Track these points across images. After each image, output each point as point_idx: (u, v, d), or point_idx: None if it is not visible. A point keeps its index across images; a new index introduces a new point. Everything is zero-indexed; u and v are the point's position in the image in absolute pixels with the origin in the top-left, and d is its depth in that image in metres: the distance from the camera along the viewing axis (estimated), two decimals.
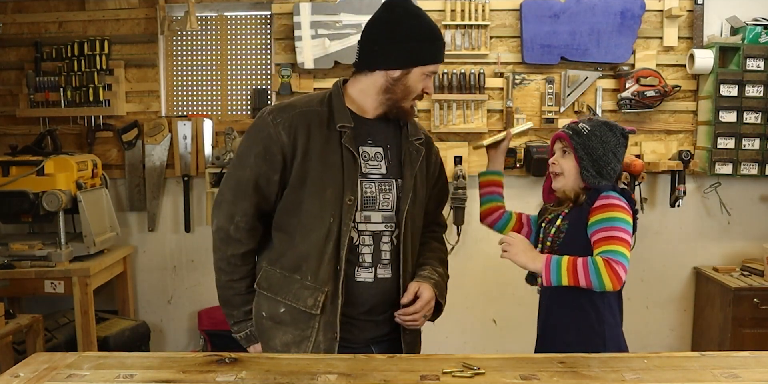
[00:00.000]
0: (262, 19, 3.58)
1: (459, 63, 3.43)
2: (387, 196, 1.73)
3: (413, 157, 1.78)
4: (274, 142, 1.66)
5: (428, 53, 1.68)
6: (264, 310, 1.76)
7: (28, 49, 3.51)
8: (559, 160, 1.84)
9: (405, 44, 1.66)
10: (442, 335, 3.40)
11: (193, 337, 3.69)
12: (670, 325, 3.64)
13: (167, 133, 3.53)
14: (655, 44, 3.42)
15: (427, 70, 1.69)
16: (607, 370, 1.47)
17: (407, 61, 1.67)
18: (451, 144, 3.45)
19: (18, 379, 1.42)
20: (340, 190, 1.66)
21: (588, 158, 1.79)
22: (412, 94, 1.72)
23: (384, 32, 1.68)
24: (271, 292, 1.74)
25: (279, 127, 1.66)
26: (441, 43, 1.71)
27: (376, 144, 1.74)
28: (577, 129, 1.81)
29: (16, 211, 3.02)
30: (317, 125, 1.68)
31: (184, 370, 1.47)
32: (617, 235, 1.67)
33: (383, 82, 1.70)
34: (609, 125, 1.83)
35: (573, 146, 1.79)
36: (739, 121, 3.32)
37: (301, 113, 1.69)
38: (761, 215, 3.56)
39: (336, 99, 1.72)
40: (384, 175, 1.74)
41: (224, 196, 1.74)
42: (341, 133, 1.68)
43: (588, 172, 1.78)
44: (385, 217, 1.73)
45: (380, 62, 1.69)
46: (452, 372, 1.45)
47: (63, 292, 3.02)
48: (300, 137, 1.66)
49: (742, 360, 1.55)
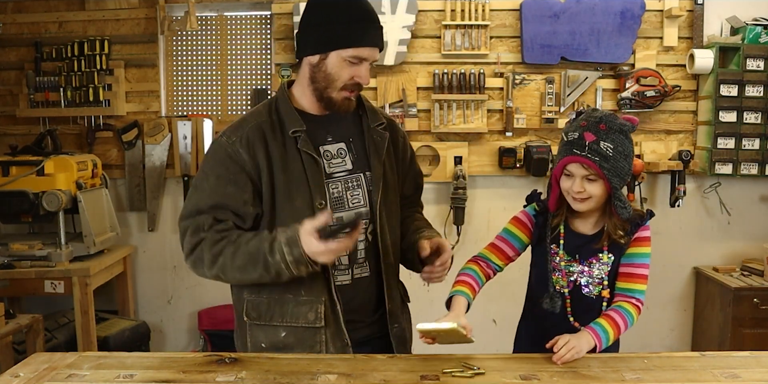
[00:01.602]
0: (262, 19, 3.58)
1: (459, 63, 3.43)
2: (356, 192, 1.66)
3: (378, 145, 1.69)
4: (235, 162, 1.58)
5: (346, 36, 1.54)
6: (262, 341, 1.65)
7: (28, 49, 3.51)
8: (586, 186, 1.64)
9: (319, 27, 1.56)
10: None
11: (193, 337, 3.69)
12: (670, 325, 3.64)
13: (167, 133, 3.53)
14: (655, 44, 3.42)
15: (347, 54, 1.55)
16: (607, 370, 1.47)
17: (322, 44, 1.56)
18: (451, 144, 3.45)
19: (18, 379, 1.42)
20: (308, 197, 1.59)
21: (619, 180, 1.63)
22: (335, 82, 1.58)
23: (306, 17, 1.60)
24: (264, 319, 1.64)
25: (236, 146, 1.58)
26: (367, 26, 1.56)
27: (336, 140, 1.67)
28: (602, 152, 1.60)
29: (16, 211, 3.01)
30: (271, 136, 1.60)
31: (184, 370, 1.47)
32: (644, 274, 1.72)
33: (308, 70, 1.60)
34: (624, 131, 1.63)
35: (604, 175, 1.61)
36: (739, 121, 3.32)
37: (254, 127, 1.60)
38: (761, 215, 3.56)
39: (282, 103, 1.64)
40: (350, 170, 1.66)
41: (185, 223, 1.62)
42: (296, 138, 1.60)
43: (620, 201, 1.65)
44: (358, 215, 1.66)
45: (301, 50, 1.60)
46: (452, 372, 1.45)
47: (63, 292, 3.02)
48: (258, 152, 1.58)
49: (742, 360, 1.55)
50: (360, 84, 1.61)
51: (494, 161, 3.47)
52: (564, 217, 1.76)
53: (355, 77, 1.58)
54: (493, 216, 3.53)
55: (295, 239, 1.48)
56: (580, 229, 1.75)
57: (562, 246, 1.75)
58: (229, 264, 1.55)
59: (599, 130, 1.61)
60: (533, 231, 1.80)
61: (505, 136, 3.45)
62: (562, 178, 1.68)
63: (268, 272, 1.52)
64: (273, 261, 1.50)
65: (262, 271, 1.53)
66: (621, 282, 1.73)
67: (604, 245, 1.71)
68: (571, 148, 1.63)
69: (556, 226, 1.76)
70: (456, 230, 3.46)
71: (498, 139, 3.48)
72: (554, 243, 1.76)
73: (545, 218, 1.78)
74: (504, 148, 3.41)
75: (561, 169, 1.68)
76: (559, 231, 1.75)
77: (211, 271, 1.59)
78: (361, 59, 1.57)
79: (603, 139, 1.60)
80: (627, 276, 1.72)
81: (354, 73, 1.58)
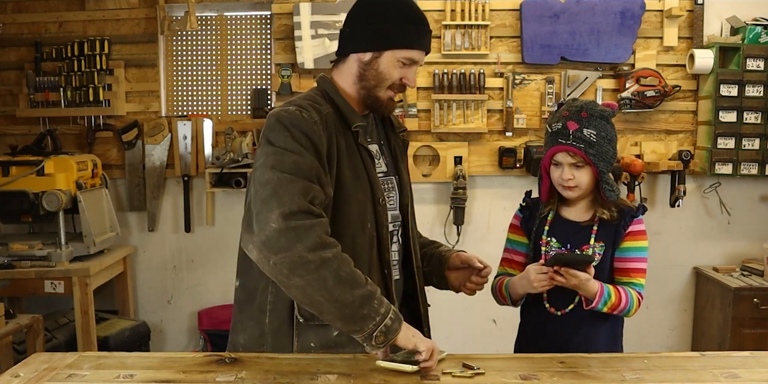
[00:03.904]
0: (262, 19, 3.58)
1: (459, 63, 3.43)
2: (391, 194, 1.66)
3: (402, 151, 1.72)
4: (319, 140, 1.46)
5: (402, 37, 1.54)
6: (312, 341, 1.55)
7: (28, 49, 3.51)
8: (575, 173, 1.69)
9: (376, 25, 1.54)
10: (442, 335, 3.39)
11: (193, 337, 3.69)
12: (670, 325, 3.64)
13: (167, 133, 3.53)
14: (655, 44, 3.42)
15: (401, 55, 1.55)
16: (607, 370, 1.47)
17: (377, 42, 1.54)
18: (451, 144, 3.45)
19: (18, 379, 1.42)
20: (369, 192, 1.57)
21: (605, 164, 1.69)
22: (385, 82, 1.57)
23: (358, 14, 1.58)
24: (318, 319, 1.50)
25: (318, 127, 1.48)
26: (420, 29, 1.57)
27: (373, 141, 1.66)
28: (586, 138, 1.66)
29: (16, 211, 3.01)
30: (338, 127, 1.55)
31: (184, 370, 1.47)
32: (643, 268, 1.74)
33: (356, 67, 1.58)
34: (605, 117, 1.68)
35: (590, 160, 1.66)
36: (739, 121, 3.32)
37: (328, 114, 1.54)
38: (761, 215, 3.56)
39: (336, 97, 1.59)
40: (386, 173, 1.67)
41: (284, 177, 1.39)
42: (355, 133, 1.57)
43: (608, 184, 1.70)
44: (393, 217, 1.65)
45: (352, 45, 1.58)
46: (452, 372, 1.45)
47: (63, 292, 3.02)
48: (332, 140, 1.51)
49: (742, 360, 1.55)
50: (406, 86, 1.61)
51: (494, 161, 3.47)
52: (555, 206, 1.80)
53: (403, 79, 1.58)
54: (493, 216, 3.53)
55: (401, 319, 1.43)
56: (571, 217, 1.79)
57: (548, 233, 1.79)
58: (334, 266, 1.37)
59: (581, 118, 1.67)
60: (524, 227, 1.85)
61: (505, 136, 3.45)
62: (551, 168, 1.74)
63: (361, 307, 1.37)
64: (376, 308, 1.38)
65: (356, 300, 1.37)
66: (619, 276, 1.74)
67: (593, 229, 1.73)
68: (557, 138, 1.69)
69: (545, 215, 1.81)
70: (456, 230, 3.46)
71: (498, 139, 3.48)
72: (544, 232, 1.79)
73: (531, 211, 1.84)
74: (504, 148, 3.41)
75: (549, 160, 1.73)
76: (547, 219, 1.80)
77: (307, 254, 1.35)
78: (413, 61, 1.58)
79: (586, 126, 1.66)
80: (625, 270, 1.74)
81: (403, 74, 1.58)
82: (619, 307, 1.68)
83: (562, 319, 1.75)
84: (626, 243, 1.73)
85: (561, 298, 1.74)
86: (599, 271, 1.70)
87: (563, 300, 1.74)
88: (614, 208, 1.74)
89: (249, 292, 1.61)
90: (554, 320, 1.76)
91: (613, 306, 1.67)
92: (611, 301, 1.66)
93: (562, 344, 1.73)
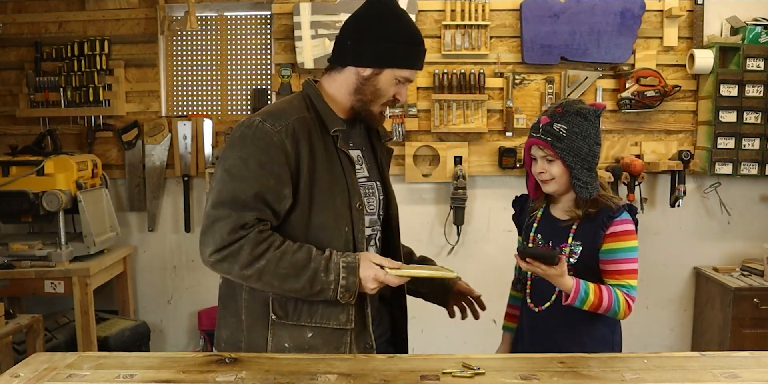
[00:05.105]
0: (262, 19, 3.58)
1: (459, 63, 3.43)
2: (371, 199, 1.69)
3: (386, 159, 1.77)
4: (281, 153, 1.52)
5: (403, 57, 1.60)
6: (286, 342, 1.59)
7: (28, 49, 3.51)
8: (546, 167, 1.73)
9: (380, 43, 1.59)
10: (442, 335, 3.39)
11: (193, 337, 3.69)
12: (670, 325, 3.64)
13: (167, 133, 3.53)
14: (655, 44, 3.42)
15: (400, 74, 1.61)
16: (607, 370, 1.47)
17: (379, 60, 1.59)
18: (451, 144, 3.45)
19: (18, 379, 1.42)
20: (347, 197, 1.60)
21: (576, 160, 1.69)
22: (381, 98, 1.64)
23: (361, 28, 1.61)
24: (292, 319, 1.59)
25: (282, 136, 1.52)
26: (420, 50, 1.63)
27: (355, 147, 1.69)
28: (555, 132, 1.68)
29: (16, 211, 3.01)
30: (315, 132, 1.58)
31: (184, 370, 1.47)
32: (631, 268, 1.71)
33: (354, 80, 1.62)
34: (582, 114, 1.69)
35: (557, 154, 1.69)
36: (739, 121, 3.32)
37: (299, 120, 1.57)
38: (761, 215, 3.56)
39: (318, 102, 1.63)
40: (367, 178, 1.70)
41: (219, 214, 1.51)
42: (334, 137, 1.61)
43: (579, 180, 1.69)
44: (371, 221, 1.68)
45: (352, 58, 1.61)
46: (452, 372, 1.45)
47: (63, 292, 3.02)
48: (303, 146, 1.54)
49: (742, 360, 1.55)
50: (397, 101, 1.68)
51: (494, 161, 3.47)
52: (545, 203, 1.83)
53: (396, 95, 1.65)
54: (493, 216, 3.53)
55: (355, 268, 1.53)
56: (557, 214, 1.80)
57: (536, 230, 1.81)
58: (271, 269, 1.51)
59: (555, 113, 1.71)
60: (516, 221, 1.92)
61: (505, 136, 3.45)
62: (532, 163, 1.78)
63: (312, 287, 1.53)
64: (324, 279, 1.52)
65: (305, 285, 1.52)
66: (607, 279, 1.73)
67: (572, 228, 1.74)
68: (530, 132, 1.76)
69: (533, 211, 1.84)
70: (456, 230, 3.46)
71: (498, 139, 3.48)
72: (532, 229, 1.82)
73: (522, 206, 1.90)
74: (504, 148, 3.41)
75: (528, 155, 1.79)
76: (535, 216, 1.83)
77: (244, 271, 1.52)
78: (408, 80, 1.65)
79: (557, 121, 1.70)
80: (610, 272, 1.72)
81: (397, 91, 1.65)
82: (601, 306, 1.67)
83: (542, 316, 1.78)
84: (609, 244, 1.71)
85: (541, 295, 1.77)
86: (578, 271, 1.70)
87: (543, 297, 1.77)
88: (592, 207, 1.72)
89: (231, 287, 1.66)
90: (534, 317, 1.79)
91: (593, 305, 1.66)
92: (590, 300, 1.65)
93: (544, 341, 1.75)
